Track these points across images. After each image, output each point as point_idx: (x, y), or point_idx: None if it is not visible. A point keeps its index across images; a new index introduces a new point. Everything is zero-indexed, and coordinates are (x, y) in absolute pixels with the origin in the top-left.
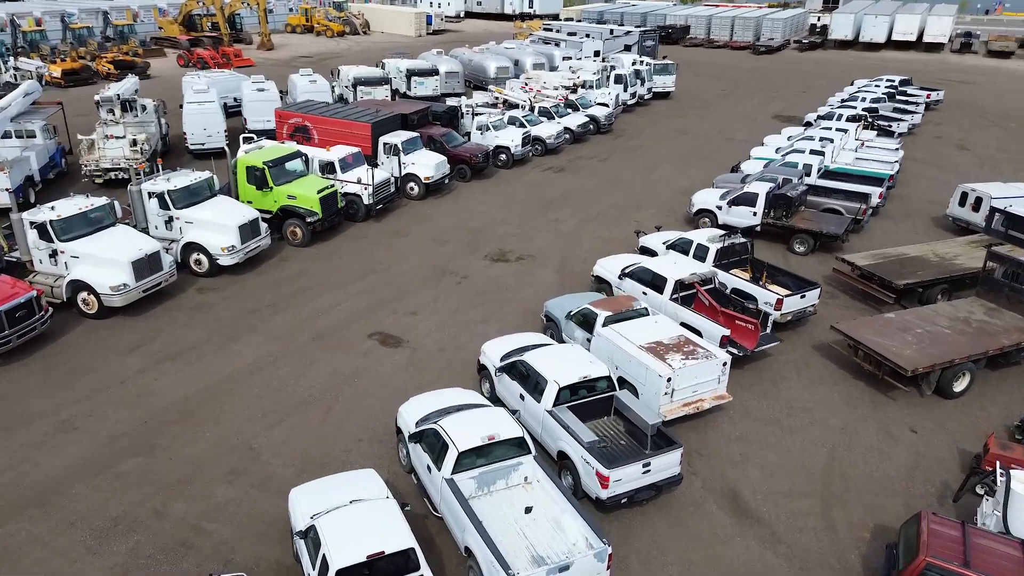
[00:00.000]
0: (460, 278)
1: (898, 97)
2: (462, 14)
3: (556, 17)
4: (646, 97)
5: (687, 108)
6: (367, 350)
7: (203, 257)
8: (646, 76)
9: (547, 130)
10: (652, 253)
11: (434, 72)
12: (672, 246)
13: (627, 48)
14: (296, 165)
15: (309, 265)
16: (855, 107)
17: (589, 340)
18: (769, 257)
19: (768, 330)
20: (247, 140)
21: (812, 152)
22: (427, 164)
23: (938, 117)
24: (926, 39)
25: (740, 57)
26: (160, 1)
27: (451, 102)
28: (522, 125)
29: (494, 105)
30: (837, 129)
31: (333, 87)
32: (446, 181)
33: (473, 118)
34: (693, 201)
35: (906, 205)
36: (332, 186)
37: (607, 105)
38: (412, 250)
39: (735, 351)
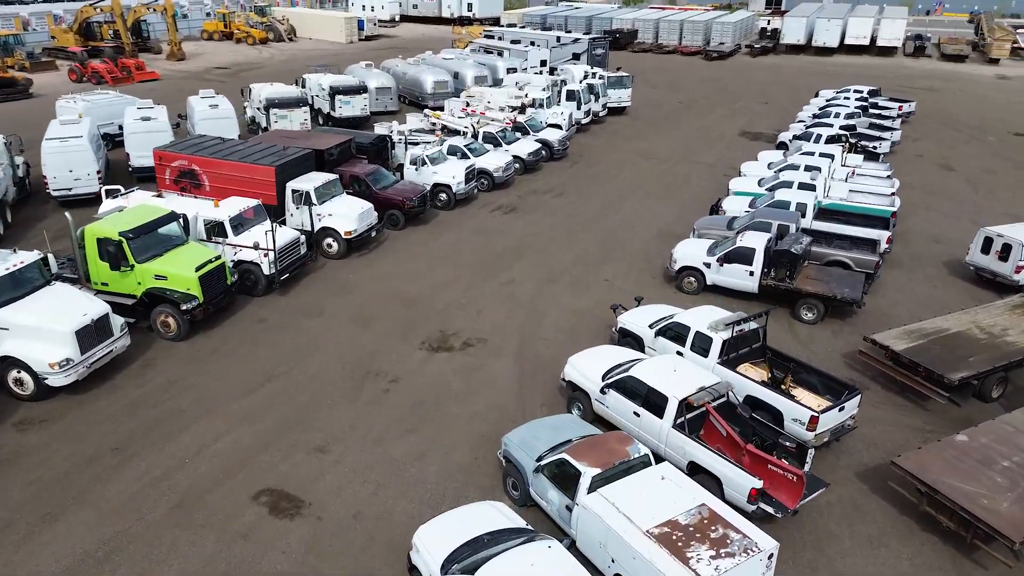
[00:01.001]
0: (388, 382)
1: (871, 111)
2: (397, 18)
3: (497, 21)
4: (601, 114)
5: (646, 126)
6: (249, 526)
7: (26, 376)
8: (600, 90)
9: (494, 161)
10: (636, 340)
11: (362, 89)
12: (663, 332)
13: (576, 57)
14: (170, 231)
15: (183, 371)
16: (830, 124)
17: (569, 508)
18: (769, 331)
19: (807, 466)
20: (111, 194)
21: (802, 186)
22: (348, 215)
23: (913, 131)
24: (879, 43)
25: (691, 63)
26: (56, 7)
27: (380, 129)
28: (464, 156)
29: (431, 131)
30: (822, 155)
31: (245, 107)
32: (373, 234)
33: (406, 149)
34: (674, 256)
35: (912, 247)
36: (218, 258)
37: (560, 127)
38: (326, 338)
39: (768, 508)
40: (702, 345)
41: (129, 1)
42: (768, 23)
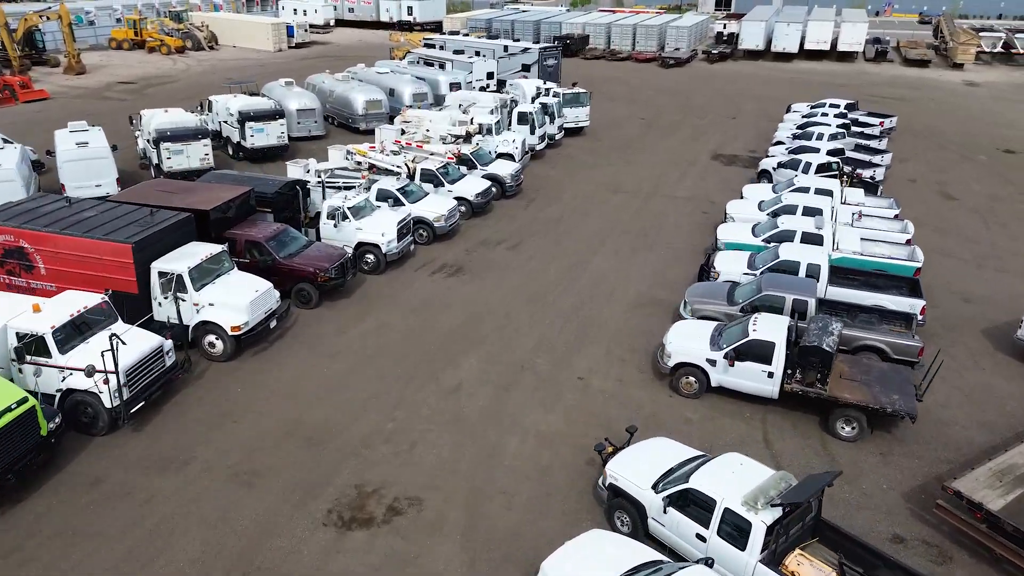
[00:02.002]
0: None
1: (854, 128)
2: (332, 23)
3: (439, 27)
4: (557, 137)
5: (608, 149)
6: None
7: None
8: (555, 110)
9: (435, 207)
10: (634, 506)
11: (277, 114)
12: (676, 502)
13: (525, 69)
14: None
15: None
16: (815, 148)
17: None
18: (795, 450)
19: None
20: None
21: (807, 238)
22: (237, 303)
23: (898, 150)
24: (840, 47)
25: (648, 71)
26: None
27: (293, 169)
28: (398, 202)
29: (365, 167)
30: (818, 190)
31: (136, 135)
32: (273, 323)
33: (324, 196)
34: (667, 348)
35: (940, 310)
36: (25, 401)
37: (512, 157)
38: (187, 513)
39: None
40: (734, 529)
41: (19, 7)
42: (724, 27)
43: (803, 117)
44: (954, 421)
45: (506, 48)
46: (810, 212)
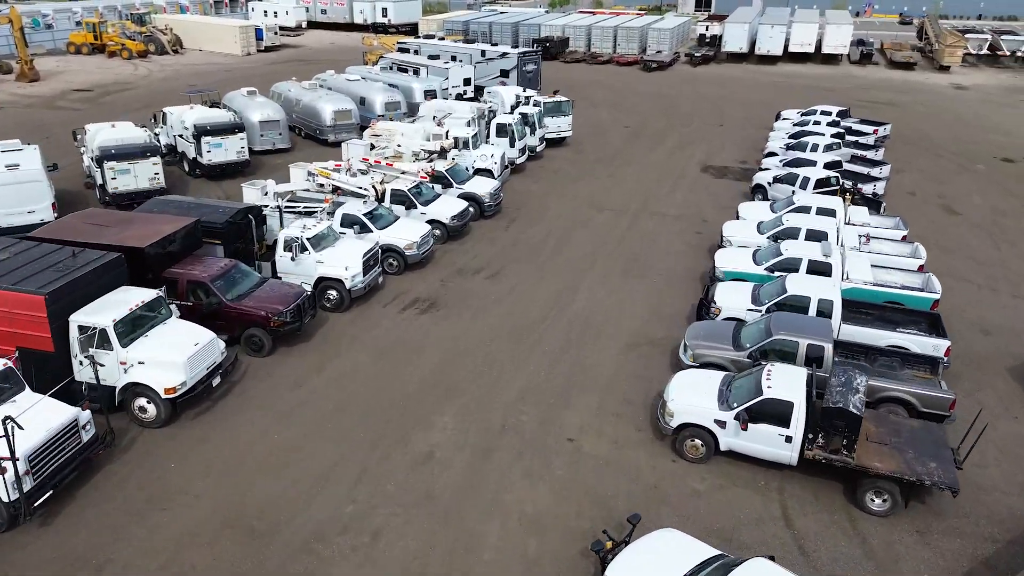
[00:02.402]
0: None
1: (847, 137)
2: (304, 24)
3: (415, 30)
4: (538, 149)
5: (592, 161)
6: None
7: None
8: (536, 120)
9: (406, 233)
10: None
11: (236, 128)
12: None
13: (504, 74)
14: None
15: None
16: (812, 161)
17: None
18: (820, 528)
19: None
20: None
21: (813, 267)
22: (172, 360)
23: (894, 159)
24: (825, 50)
25: (630, 75)
26: None
27: (249, 192)
28: (365, 229)
29: (329, 189)
30: (820, 210)
31: (82, 152)
32: (217, 380)
33: (282, 223)
34: (669, 406)
35: (960, 344)
36: None
37: (491, 173)
38: None
39: None
40: None
41: None
42: (707, 29)
43: (794, 125)
44: (994, 486)
45: (483, 53)
46: (814, 236)
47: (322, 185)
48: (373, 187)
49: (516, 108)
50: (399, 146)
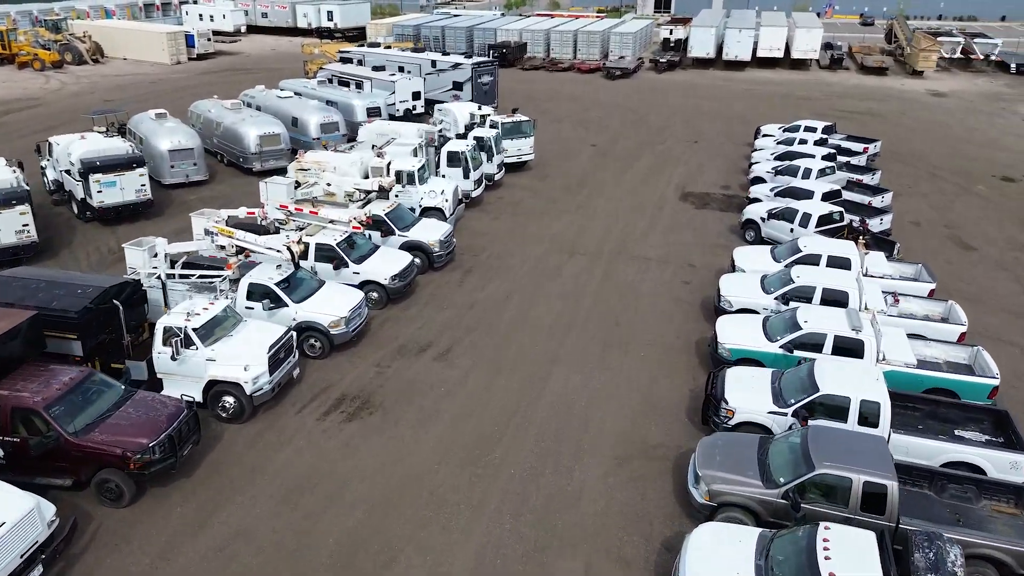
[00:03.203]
0: None
1: (839, 157)
2: (243, 29)
3: (363, 34)
4: (497, 177)
5: (559, 190)
6: None
7: None
8: (493, 144)
9: (332, 306)
10: None
11: (134, 162)
12: None
13: (457, 87)
14: None
15: None
16: (808, 192)
17: None
18: None
19: None
20: None
21: (841, 345)
22: None
23: (888, 180)
24: (794, 55)
25: (593, 84)
26: None
27: (132, 254)
28: (278, 303)
29: (233, 251)
30: (832, 260)
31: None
32: (38, 572)
33: (166, 302)
34: None
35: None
36: None
37: (442, 213)
38: None
39: None
40: None
41: None
42: (671, 33)
43: (777, 143)
44: None
45: (434, 63)
46: (834, 298)
47: (223, 247)
48: (289, 248)
49: (471, 129)
50: (329, 184)
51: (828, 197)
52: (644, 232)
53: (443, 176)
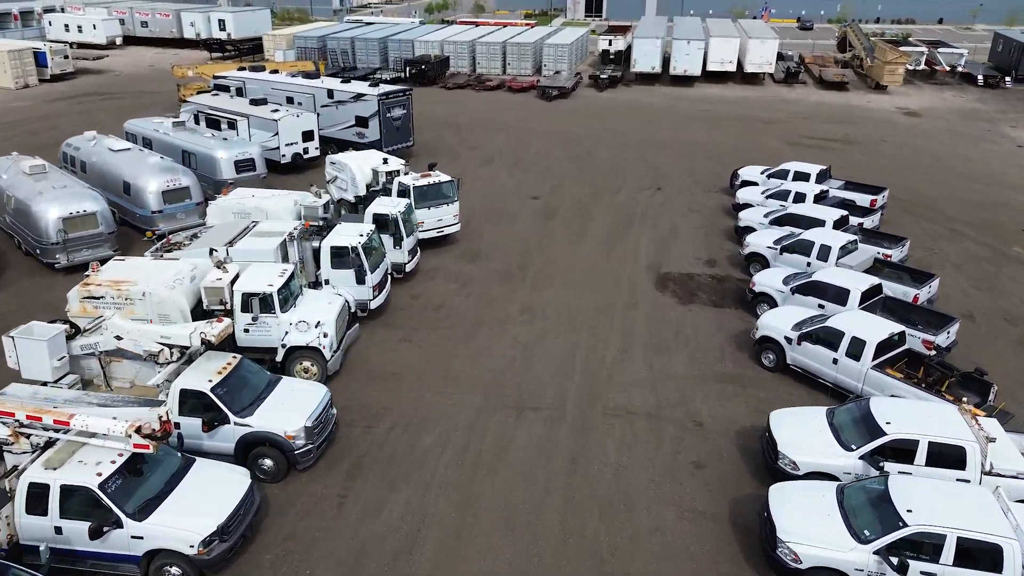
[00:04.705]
0: None
1: (857, 223)
2: (118, 41)
3: (258, 48)
4: (409, 266)
5: (493, 278)
6: None
7: None
8: (402, 223)
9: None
10: None
11: None
12: None
13: (361, 124)
14: None
15: None
16: (841, 286)
17: None
18: None
19: None
20: None
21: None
22: None
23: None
24: (748, 68)
25: (527, 106)
26: None
27: None
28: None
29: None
30: (936, 456)
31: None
32: None
33: None
34: None
35: None
36: None
37: (320, 356)
38: None
39: None
40: None
41: None
42: (611, 44)
43: (766, 196)
44: None
45: (331, 94)
46: (979, 553)
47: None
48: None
49: (374, 191)
50: (120, 339)
51: (870, 296)
52: (618, 357)
53: (325, 284)
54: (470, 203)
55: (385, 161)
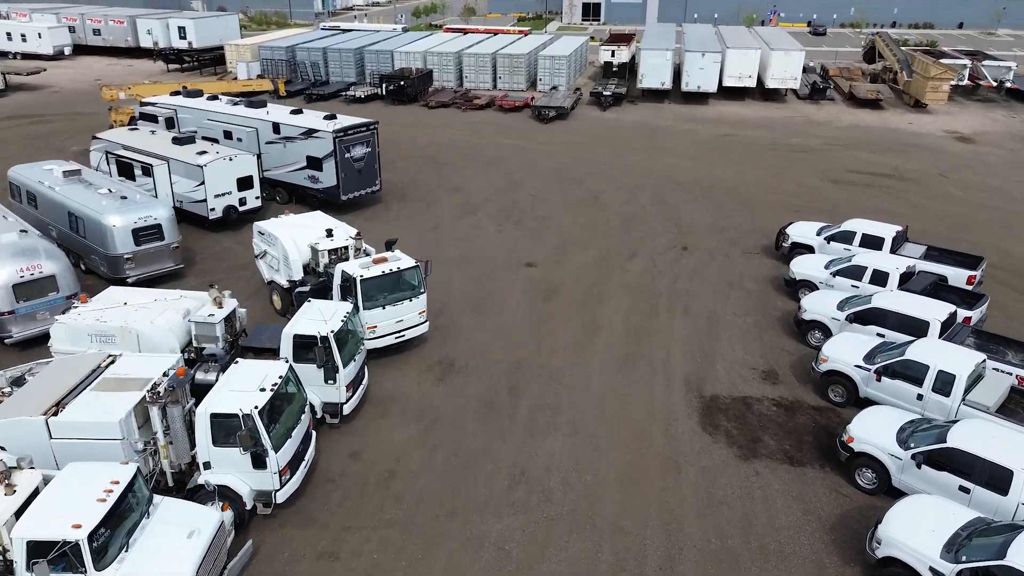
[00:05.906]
0: None
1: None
2: (67, 50)
3: (220, 59)
4: (347, 408)
5: (470, 414)
6: None
7: None
8: (333, 348)
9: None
10: None
11: None
12: None
13: (314, 166)
14: None
15: None
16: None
17: None
18: None
19: None
20: None
21: None
22: None
23: (1008, 327)
24: (769, 83)
25: (520, 130)
26: None
27: None
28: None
29: None
30: None
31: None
32: None
33: None
34: None
35: None
36: None
37: None
38: None
39: None
40: None
41: None
42: (613, 55)
43: (831, 272)
44: None
45: (277, 128)
46: None
47: None
48: None
49: (315, 273)
50: None
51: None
52: (663, 563)
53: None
54: (446, 276)
55: (329, 234)
